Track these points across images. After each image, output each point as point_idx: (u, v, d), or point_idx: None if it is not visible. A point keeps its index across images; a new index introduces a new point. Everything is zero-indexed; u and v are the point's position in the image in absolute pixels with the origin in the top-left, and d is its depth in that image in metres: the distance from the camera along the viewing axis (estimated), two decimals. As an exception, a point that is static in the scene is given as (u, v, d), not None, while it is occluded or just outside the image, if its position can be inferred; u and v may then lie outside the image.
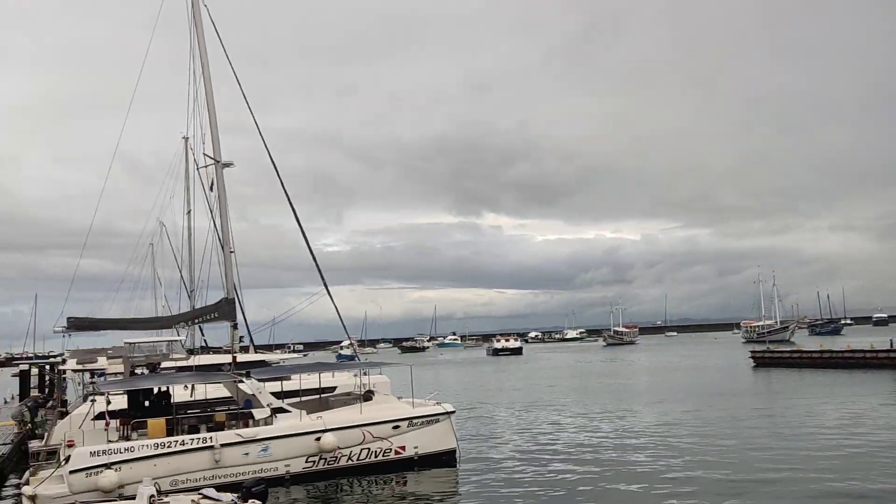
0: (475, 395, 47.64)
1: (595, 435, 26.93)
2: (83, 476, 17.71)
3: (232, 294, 25.19)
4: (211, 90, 25.33)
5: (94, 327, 29.65)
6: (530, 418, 33.25)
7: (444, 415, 22.67)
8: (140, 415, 21.22)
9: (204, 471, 19.12)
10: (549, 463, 21.81)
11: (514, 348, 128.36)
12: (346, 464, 20.86)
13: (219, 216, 26.20)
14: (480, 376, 70.28)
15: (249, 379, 21.62)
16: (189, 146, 44.47)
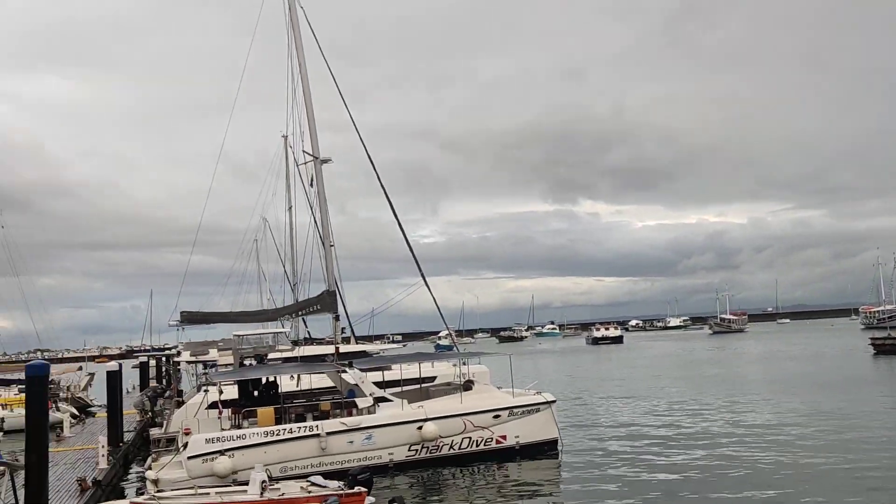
0: (576, 384, 47.12)
1: (702, 426, 26.12)
2: (200, 462, 18.56)
3: (333, 286, 25.83)
4: (308, 89, 25.99)
5: (205, 321, 30.94)
6: (633, 409, 32.61)
7: (545, 404, 22.50)
8: (250, 404, 22.04)
9: (311, 458, 19.68)
10: (653, 455, 21.30)
11: (614, 337, 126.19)
12: (447, 452, 21.03)
13: (318, 211, 26.89)
14: (580, 366, 69.48)
15: (352, 369, 22.09)
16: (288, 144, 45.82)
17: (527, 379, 29.46)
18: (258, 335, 35.78)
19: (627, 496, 16.54)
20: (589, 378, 52.58)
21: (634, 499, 16.26)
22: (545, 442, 22.26)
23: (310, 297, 28.87)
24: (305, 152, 26.60)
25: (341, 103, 26.82)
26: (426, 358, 27.73)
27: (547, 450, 22.12)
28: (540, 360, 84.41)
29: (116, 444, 24.20)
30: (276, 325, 36.46)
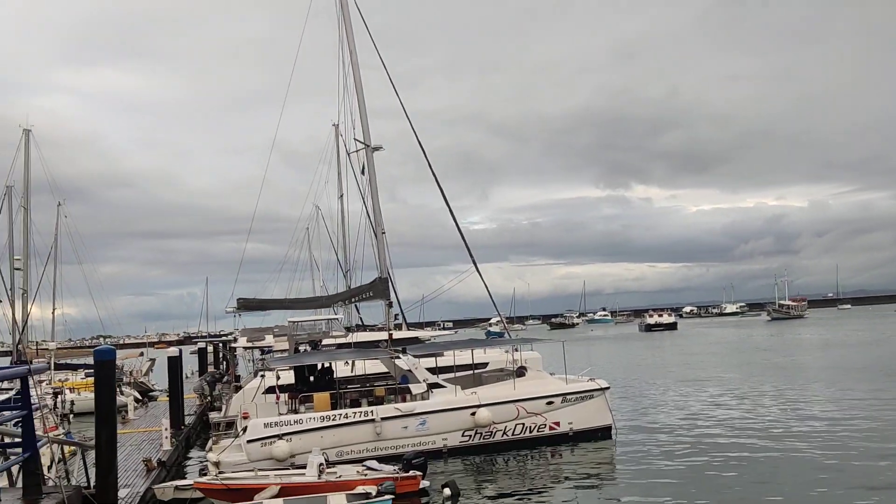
0: (629, 371, 46.68)
1: (759, 414, 25.64)
2: (259, 445, 18.99)
3: (385, 273, 26.03)
4: (359, 77, 26.11)
5: (261, 307, 31.53)
6: (688, 396, 32.17)
7: (599, 391, 22.40)
8: (306, 389, 22.43)
9: (366, 443, 19.98)
10: (708, 443, 20.99)
11: (668, 323, 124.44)
12: (500, 438, 21.11)
13: (370, 199, 27.09)
14: (634, 352, 68.76)
15: (405, 355, 22.29)
16: (339, 133, 46.23)
17: (579, 366, 29.29)
18: (312, 321, 36.32)
19: (682, 484, 16.38)
20: (642, 365, 52.01)
21: (689, 486, 16.09)
22: (599, 428, 22.17)
23: (362, 284, 29.16)
24: (356, 140, 26.80)
25: (391, 90, 26.94)
26: (478, 344, 27.79)
27: (601, 436, 22.03)
28: (592, 346, 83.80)
29: (178, 427, 24.90)
30: (330, 311, 36.96)
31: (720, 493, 15.48)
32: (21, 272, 45.83)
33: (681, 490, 15.82)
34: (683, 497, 15.25)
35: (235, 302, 30.00)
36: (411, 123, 27.07)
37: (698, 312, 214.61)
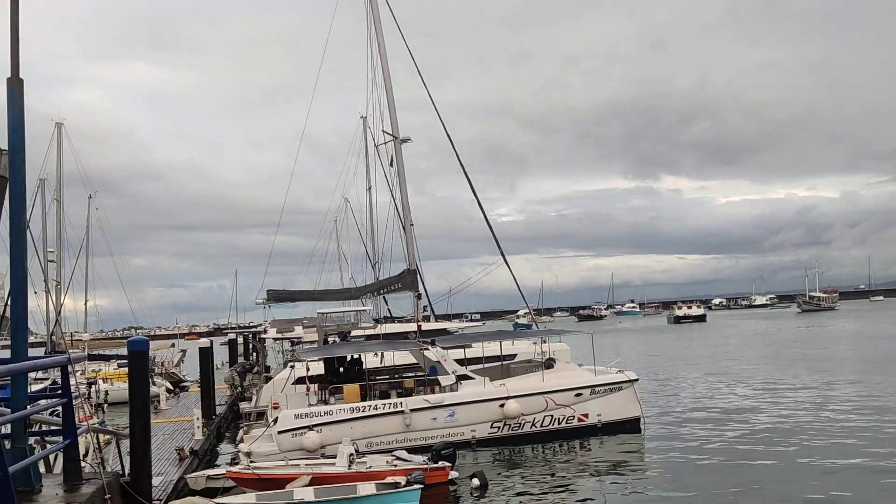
0: (658, 363, 46.41)
1: (789, 407, 25.38)
2: (290, 436, 19.18)
3: (413, 265, 26.09)
4: (388, 69, 26.13)
5: (291, 299, 31.76)
6: (718, 388, 31.91)
7: (628, 383, 22.30)
8: (336, 380, 22.60)
9: (395, 434, 20.08)
10: (737, 435, 20.83)
11: (697, 315, 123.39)
12: (529, 430, 21.11)
13: (398, 191, 27.15)
14: (663, 344, 68.32)
15: (434, 347, 22.34)
16: (367, 125, 46.36)
17: (607, 357, 29.20)
18: (341, 313, 36.61)
19: (712, 476, 16.28)
20: (671, 357, 51.66)
21: (719, 479, 15.99)
22: (627, 420, 22.08)
23: (391, 276, 29.28)
24: (385, 132, 26.84)
25: (419, 82, 26.94)
26: (507, 336, 27.78)
27: (629, 428, 21.94)
28: (621, 338, 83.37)
29: (210, 417, 25.23)
30: (358, 303, 37.18)
31: (750, 486, 15.35)
32: (54, 264, 46.59)
33: (711, 482, 15.73)
34: (713, 490, 15.16)
35: (265, 293, 30.31)
36: (439, 115, 27.08)
37: (728, 304, 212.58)
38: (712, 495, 14.77)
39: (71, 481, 7.71)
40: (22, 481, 7.13)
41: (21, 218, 7.58)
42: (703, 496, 14.76)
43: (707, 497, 14.66)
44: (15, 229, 7.54)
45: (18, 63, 7.66)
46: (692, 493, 15.01)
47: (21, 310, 7.85)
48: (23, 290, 7.81)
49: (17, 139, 7.57)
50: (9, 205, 7.57)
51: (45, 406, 9.68)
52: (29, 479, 7.33)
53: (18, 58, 7.65)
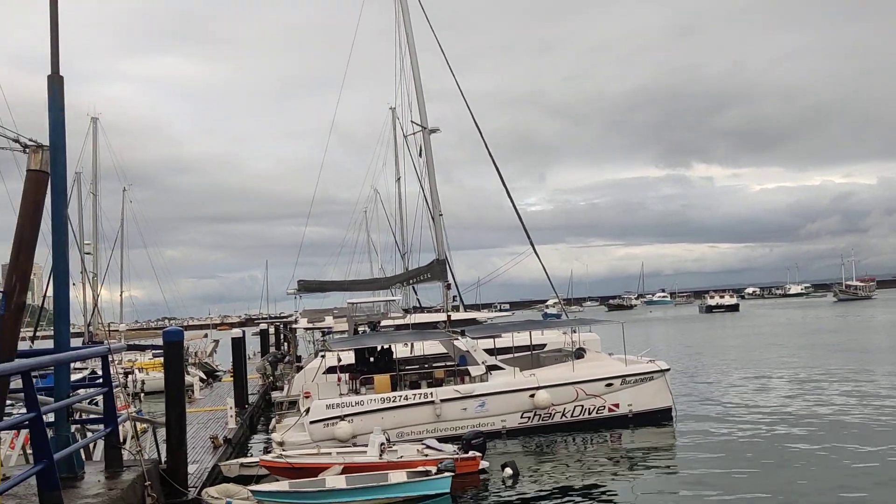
0: (690, 353, 46.05)
1: (823, 398, 25.07)
2: (321, 426, 19.40)
3: (442, 255, 26.18)
4: (416, 59, 26.19)
5: (321, 289, 32.08)
6: (751, 378, 31.60)
7: (659, 372, 22.19)
8: (366, 370, 22.79)
9: (425, 424, 20.21)
10: (770, 426, 20.62)
11: (729, 305, 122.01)
12: (559, 420, 21.13)
13: (427, 181, 27.23)
14: (694, 334, 67.73)
15: (464, 336, 22.42)
16: (396, 115, 46.48)
17: (637, 347, 29.03)
18: (371, 303, 36.84)
19: (743, 467, 16.16)
20: (703, 346, 51.22)
21: (751, 470, 15.88)
22: (659, 410, 21.98)
23: (420, 266, 29.41)
24: (413, 122, 26.93)
25: (447, 72, 26.97)
26: (536, 326, 27.76)
27: (660, 418, 21.85)
28: (651, 328, 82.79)
29: (242, 406, 25.59)
30: (388, 293, 37.43)
31: (783, 477, 15.23)
32: (91, 256, 47.45)
33: (743, 473, 15.63)
34: (746, 481, 15.07)
35: (296, 284, 30.64)
36: (468, 104, 27.10)
37: (761, 294, 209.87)
38: (745, 487, 14.67)
39: (112, 468, 7.92)
40: (65, 468, 7.35)
41: (62, 212, 7.78)
42: (736, 487, 14.67)
43: (740, 489, 14.57)
44: (56, 223, 7.74)
45: (58, 60, 7.84)
46: (725, 484, 14.92)
47: (63, 301, 8.06)
48: (65, 281, 8.02)
49: (57, 135, 7.77)
50: (50, 199, 7.77)
51: (87, 395, 9.93)
52: (72, 466, 7.56)
53: (58, 55, 7.83)
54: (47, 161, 7.75)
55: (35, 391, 5.95)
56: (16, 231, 7.73)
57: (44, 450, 5.94)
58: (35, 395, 5.96)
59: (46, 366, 8.75)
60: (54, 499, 5.99)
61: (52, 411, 7.64)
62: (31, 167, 7.91)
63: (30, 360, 6.45)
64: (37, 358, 6.94)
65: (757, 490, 14.31)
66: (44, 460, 5.92)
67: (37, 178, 7.96)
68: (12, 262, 7.63)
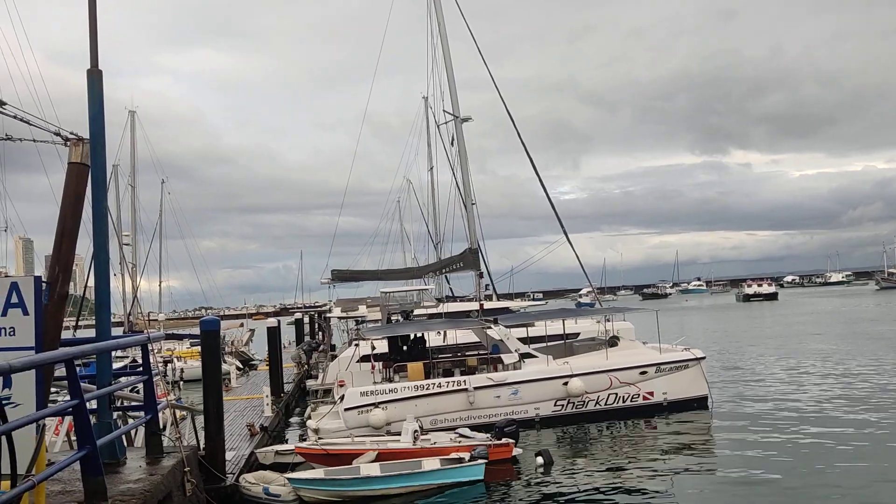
0: (726, 341, 45.54)
1: (864, 388, 24.60)
2: (356, 413, 19.59)
3: (475, 244, 26.19)
4: (448, 49, 26.17)
5: (354, 279, 32.33)
6: (790, 367, 31.15)
7: (694, 361, 22.00)
8: (400, 358, 22.93)
9: (459, 412, 20.30)
10: (808, 416, 20.30)
11: (768, 293, 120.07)
12: (593, 408, 21.07)
13: (459, 170, 27.22)
14: (731, 323, 66.92)
15: (497, 325, 22.44)
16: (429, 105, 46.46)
17: (672, 336, 28.80)
18: (404, 292, 37.01)
19: (779, 456, 15.98)
20: (740, 335, 50.60)
21: (788, 460, 15.68)
22: (694, 399, 21.81)
23: (453, 255, 29.46)
24: (446, 112, 26.93)
25: (479, 61, 26.93)
26: (570, 314, 27.68)
27: (696, 407, 21.68)
28: (686, 316, 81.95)
29: (278, 394, 25.92)
30: (421, 282, 37.57)
31: (822, 467, 15.02)
32: (130, 247, 48.32)
33: (780, 464, 15.45)
34: (782, 471, 14.89)
35: (330, 273, 30.91)
36: (500, 93, 27.03)
37: (801, 282, 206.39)
38: (782, 477, 14.51)
39: (152, 454, 8.11)
40: (108, 454, 7.53)
41: (102, 203, 7.95)
42: (774, 479, 14.50)
43: (776, 479, 14.40)
44: (97, 214, 7.91)
45: (97, 54, 7.99)
46: (761, 474, 14.77)
47: (104, 291, 8.25)
48: (105, 272, 8.20)
49: (97, 128, 7.93)
50: (90, 191, 7.94)
51: (128, 383, 10.16)
52: (114, 452, 7.75)
53: (97, 49, 7.98)
54: (87, 154, 7.92)
55: (78, 379, 6.11)
56: (58, 222, 7.93)
57: (87, 436, 6.10)
58: (78, 383, 6.11)
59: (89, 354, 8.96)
60: (97, 484, 6.16)
61: (95, 398, 7.84)
62: (72, 160, 8.09)
63: (73, 348, 6.62)
64: (79, 346, 7.12)
65: (795, 482, 14.13)
66: (87, 446, 6.08)
67: (78, 171, 8.14)
68: (55, 253, 7.83)
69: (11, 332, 6.72)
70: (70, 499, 6.35)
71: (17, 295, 6.72)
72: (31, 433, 6.00)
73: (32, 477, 5.39)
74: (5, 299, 6.69)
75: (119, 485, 6.81)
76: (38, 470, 5.72)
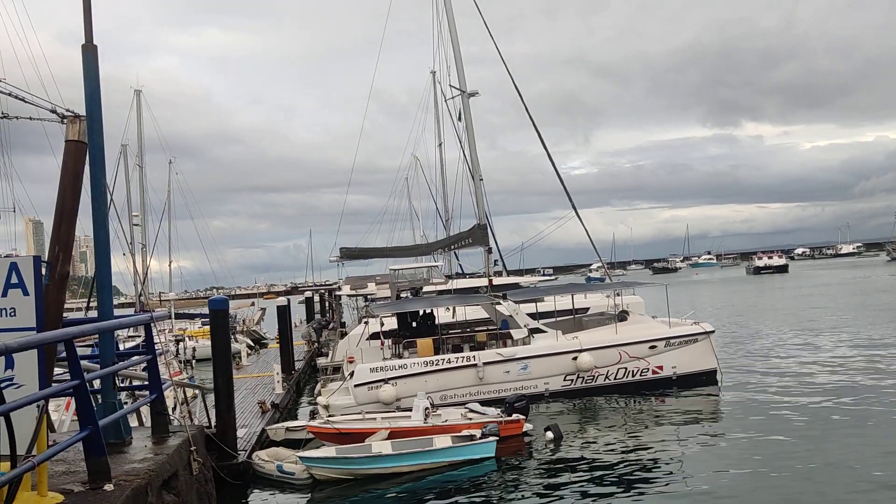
0: (736, 315, 45.36)
1: (874, 360, 24.39)
2: (366, 389, 19.62)
3: (483, 220, 26.02)
4: (454, 22, 25.84)
5: (363, 256, 32.25)
6: (800, 340, 31.00)
7: (703, 334, 21.88)
8: (409, 335, 22.92)
9: (469, 387, 20.30)
10: (819, 389, 20.18)
11: (778, 266, 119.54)
12: (603, 382, 21.03)
13: (467, 145, 27.00)
14: (741, 296, 66.66)
15: (506, 300, 22.36)
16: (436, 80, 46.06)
17: (682, 310, 28.65)
18: (413, 269, 36.96)
19: (789, 430, 15.87)
20: (750, 308, 50.39)
21: (797, 434, 15.57)
22: (703, 372, 21.72)
23: (461, 231, 29.32)
24: (452, 86, 26.65)
25: (489, 36, 26.59)
26: (579, 289, 27.60)
27: (705, 380, 21.60)
28: (696, 290, 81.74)
29: (289, 372, 26.02)
30: (430, 259, 37.49)
31: (832, 440, 14.92)
32: (139, 228, 48.35)
33: (790, 437, 15.36)
34: (793, 445, 14.81)
35: (339, 251, 30.86)
36: (507, 67, 26.71)
37: (811, 254, 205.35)
38: (791, 449, 14.42)
39: (158, 434, 8.07)
40: (112, 434, 7.50)
41: (101, 181, 7.84)
42: (782, 452, 14.41)
43: (786, 453, 14.31)
44: (96, 193, 7.81)
45: (92, 30, 7.83)
46: (771, 447, 14.69)
47: (105, 270, 8.17)
48: (106, 251, 8.11)
49: (94, 105, 7.79)
50: (89, 169, 7.84)
51: (132, 362, 10.13)
52: (119, 432, 7.71)
53: (91, 25, 7.83)
54: (85, 131, 7.80)
55: (78, 359, 6.05)
56: (57, 202, 7.84)
57: (88, 416, 6.05)
58: (79, 363, 6.05)
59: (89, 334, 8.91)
60: (101, 464, 6.10)
61: (96, 378, 7.79)
62: (70, 137, 7.98)
63: (73, 328, 6.55)
64: (79, 326, 7.06)
65: (803, 455, 14.04)
66: (89, 426, 6.02)
67: (75, 149, 8.03)
68: (54, 233, 7.74)
69: (12, 313, 6.66)
70: (74, 479, 6.31)
71: (16, 275, 6.65)
72: (32, 414, 5.96)
73: (33, 458, 5.34)
74: (5, 280, 6.62)
75: (123, 465, 6.77)
76: (39, 450, 5.68)
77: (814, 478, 12.62)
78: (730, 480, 12.84)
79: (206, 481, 8.31)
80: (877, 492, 11.74)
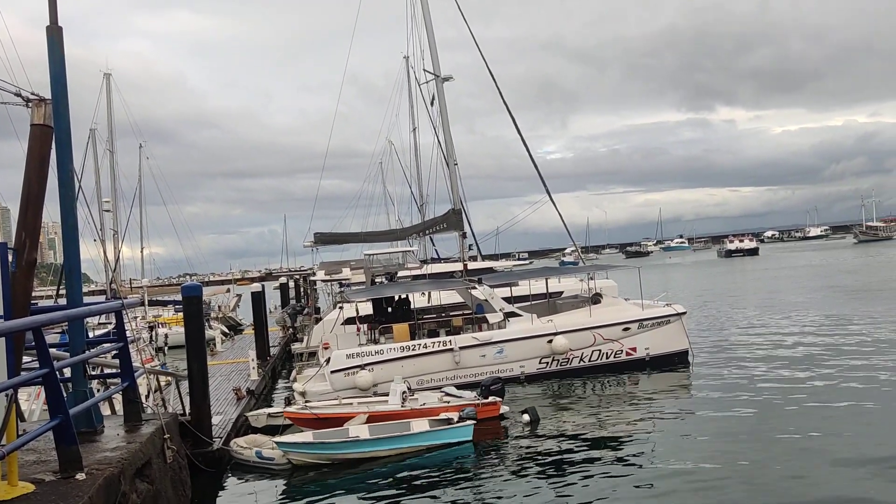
0: (707, 296, 45.90)
1: (841, 338, 24.83)
2: (342, 375, 19.56)
3: (458, 204, 26.00)
4: (427, 6, 25.67)
5: (337, 241, 32.13)
6: (768, 320, 31.47)
7: (675, 316, 22.12)
8: (384, 320, 22.87)
9: (445, 371, 20.33)
10: (787, 368, 20.52)
11: (749, 249, 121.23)
12: (577, 365, 21.19)
13: (441, 130, 26.90)
14: (712, 278, 67.45)
15: (481, 285, 22.39)
16: (410, 65, 45.80)
17: (655, 292, 28.91)
18: (388, 254, 36.86)
19: (759, 407, 16.15)
20: (721, 290, 51.01)
21: (767, 411, 15.84)
22: (676, 353, 22.00)
23: (436, 216, 29.27)
24: (426, 71, 26.52)
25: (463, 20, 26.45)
26: (553, 273, 27.71)
27: (677, 361, 21.87)
28: (669, 273, 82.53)
29: (264, 358, 25.87)
30: (405, 244, 37.38)
31: (799, 417, 15.17)
32: (110, 213, 47.66)
33: (759, 415, 15.61)
34: (762, 421, 15.05)
35: (313, 237, 30.67)
36: (480, 51, 26.62)
37: (780, 237, 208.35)
38: (760, 427, 14.66)
39: (131, 422, 7.98)
40: (84, 423, 7.40)
41: (68, 166, 7.68)
42: (751, 428, 14.66)
43: (755, 430, 14.55)
44: (63, 177, 7.65)
45: (56, 11, 7.65)
46: (741, 425, 14.93)
47: (74, 256, 8.02)
48: (74, 236, 7.96)
49: (59, 88, 7.62)
50: (56, 154, 7.67)
51: (102, 350, 9.98)
52: (91, 420, 7.61)
53: (56, 5, 7.64)
54: (51, 115, 7.63)
55: (47, 347, 5.94)
56: (23, 187, 7.67)
57: (59, 405, 5.96)
58: (48, 351, 5.94)
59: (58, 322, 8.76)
60: (72, 453, 6.02)
61: (67, 367, 7.67)
62: (35, 122, 7.79)
63: (41, 316, 6.43)
64: (48, 314, 6.94)
65: (771, 430, 14.28)
66: (59, 415, 5.94)
67: (41, 133, 7.85)
68: (21, 219, 7.57)
69: (-21, 301, 6.53)
70: (45, 468, 6.22)
71: (-18, 262, 6.52)
72: (0, 403, 5.85)
73: (2, 447, 5.25)
74: (-30, 267, 6.48)
75: (95, 453, 6.68)
76: (8, 440, 5.58)
77: (782, 452, 12.84)
78: (701, 457, 13.01)
79: (180, 469, 8.24)
80: (845, 464, 11.98)
